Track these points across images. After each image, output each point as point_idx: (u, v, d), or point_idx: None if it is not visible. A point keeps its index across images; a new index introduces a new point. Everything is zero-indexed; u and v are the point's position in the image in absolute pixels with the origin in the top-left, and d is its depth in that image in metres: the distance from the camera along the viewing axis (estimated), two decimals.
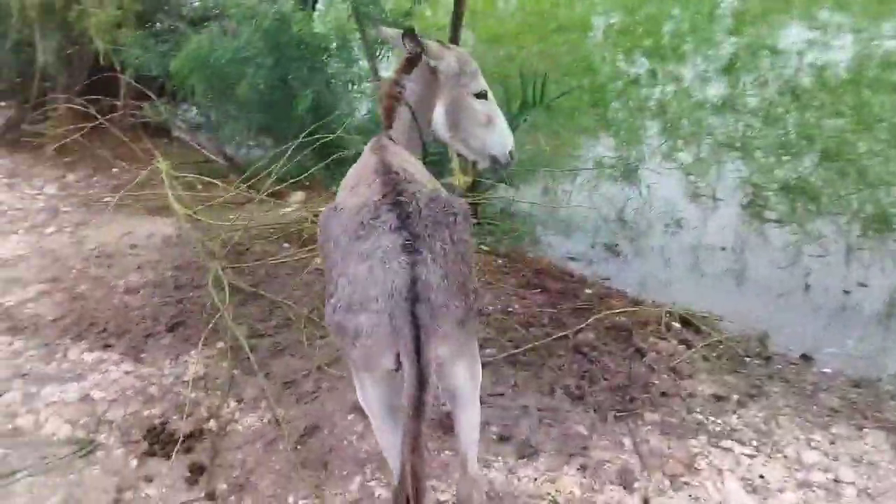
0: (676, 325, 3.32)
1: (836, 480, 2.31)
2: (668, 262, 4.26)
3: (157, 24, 6.04)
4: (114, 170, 5.49)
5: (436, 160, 3.39)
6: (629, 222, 4.76)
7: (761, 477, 2.32)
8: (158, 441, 2.55)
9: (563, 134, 6.39)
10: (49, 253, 4.19)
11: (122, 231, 4.49)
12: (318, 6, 5.93)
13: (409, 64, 2.20)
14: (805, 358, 3.21)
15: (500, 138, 2.27)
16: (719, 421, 2.62)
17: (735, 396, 2.75)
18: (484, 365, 2.84)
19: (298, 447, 2.50)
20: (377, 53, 4.66)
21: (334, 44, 4.89)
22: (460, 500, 1.76)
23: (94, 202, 4.98)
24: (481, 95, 2.23)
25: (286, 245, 4.17)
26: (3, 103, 6.30)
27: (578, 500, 2.24)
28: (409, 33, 2.17)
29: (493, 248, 4.15)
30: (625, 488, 2.29)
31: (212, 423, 2.63)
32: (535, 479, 2.33)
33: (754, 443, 2.49)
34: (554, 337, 3.11)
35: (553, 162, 5.54)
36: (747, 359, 3.08)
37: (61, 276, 3.90)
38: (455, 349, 1.55)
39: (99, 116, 4.96)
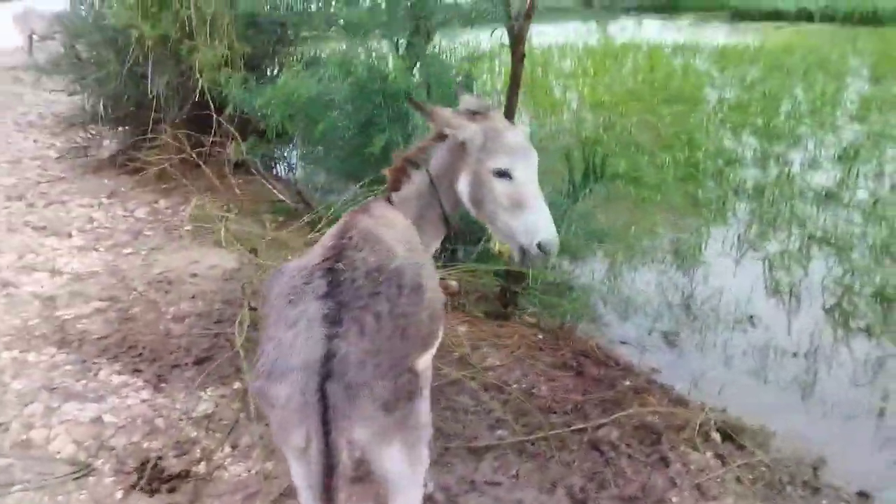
0: (716, 435, 2.98)
1: None
2: (729, 360, 3.90)
3: (263, 67, 6.48)
4: (196, 201, 5.82)
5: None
6: (695, 312, 4.42)
7: None
8: (147, 476, 2.55)
9: (646, 209, 6.13)
10: (118, 272, 4.45)
11: (189, 259, 4.70)
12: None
13: (441, 132, 2.10)
14: (862, 496, 2.78)
15: (525, 226, 1.97)
16: None
17: None
18: (489, 448, 2.71)
19: None
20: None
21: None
22: None
23: (174, 229, 5.28)
24: (503, 174, 1.99)
25: None
26: (119, 129, 6.89)
27: None
28: (411, 100, 2.12)
29: (537, 322, 3.97)
30: None
31: (202, 466, 2.61)
32: None
33: None
34: (571, 428, 2.87)
35: (624, 237, 5.30)
36: (789, 487, 2.69)
37: (121, 296, 4.12)
38: (379, 433, 1.43)
39: (187, 150, 5.30)
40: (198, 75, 5.44)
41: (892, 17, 20.32)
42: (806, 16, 23.48)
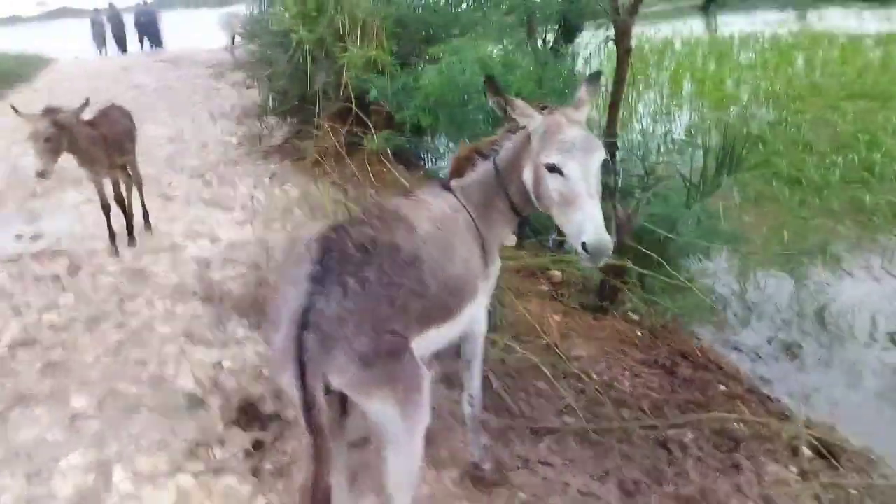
0: (806, 451, 2.73)
1: None
2: (855, 380, 3.51)
3: (411, 64, 6.87)
4: (347, 187, 6.34)
5: None
6: (828, 324, 4.01)
7: None
8: (246, 415, 2.94)
9: (802, 212, 5.64)
10: (265, 243, 5.04)
11: None
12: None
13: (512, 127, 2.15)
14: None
15: (573, 226, 1.90)
16: None
17: None
18: (551, 431, 2.75)
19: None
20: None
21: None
22: None
23: (319, 209, 5.82)
24: (554, 170, 1.94)
25: None
26: (287, 120, 7.70)
27: None
28: (490, 80, 2.08)
29: (639, 319, 3.86)
30: None
31: (290, 412, 2.94)
32: None
33: None
34: (641, 424, 2.81)
35: (762, 240, 4.93)
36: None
37: (262, 263, 4.67)
38: (358, 384, 1.58)
39: (333, 141, 5.81)
40: (346, 73, 5.92)
41: None
42: None
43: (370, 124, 5.86)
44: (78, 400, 3.11)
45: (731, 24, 22.59)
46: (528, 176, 2.06)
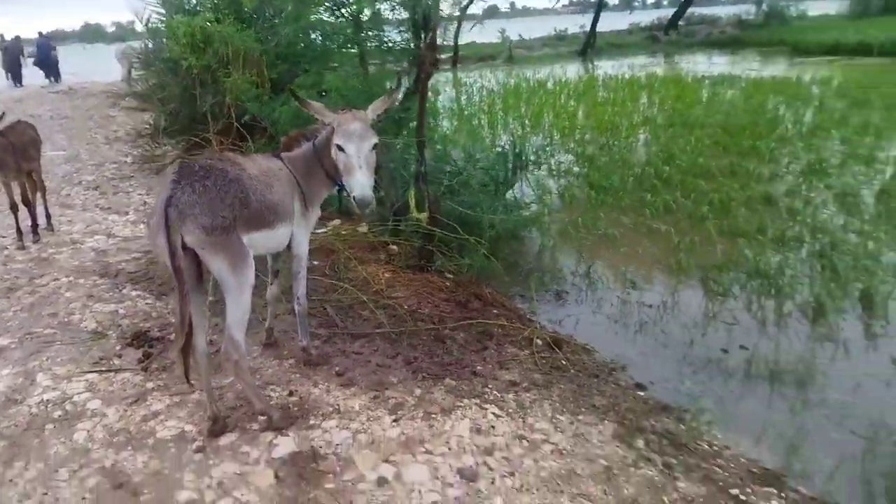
0: (539, 342, 4.03)
1: (545, 440, 2.97)
2: (598, 309, 4.89)
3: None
4: None
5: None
6: (593, 279, 5.42)
7: (492, 427, 3.05)
8: (138, 339, 3.91)
9: (604, 208, 7.15)
10: None
11: None
12: None
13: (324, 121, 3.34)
14: (639, 386, 3.75)
15: (351, 185, 3.05)
16: (497, 395, 3.35)
17: (525, 384, 3.46)
18: (366, 335, 3.90)
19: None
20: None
21: None
22: (222, 355, 2.86)
23: None
24: (341, 148, 3.07)
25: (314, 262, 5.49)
26: (178, 139, 8.62)
27: (353, 412, 3.15)
28: (293, 92, 3.39)
29: (453, 275, 5.11)
30: (390, 414, 3.15)
31: (173, 335, 3.94)
32: (339, 397, 3.29)
33: (509, 410, 3.21)
34: (427, 328, 4.03)
35: (566, 227, 6.38)
36: (574, 370, 3.73)
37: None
38: (203, 244, 2.67)
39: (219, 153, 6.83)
40: (229, 96, 7.00)
41: None
42: (865, 50, 23.37)
43: (249, 138, 6.93)
44: (2, 341, 3.97)
45: (604, 67, 25.37)
46: (333, 153, 3.26)
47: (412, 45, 5.11)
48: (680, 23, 37.50)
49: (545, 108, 14.31)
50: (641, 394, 3.65)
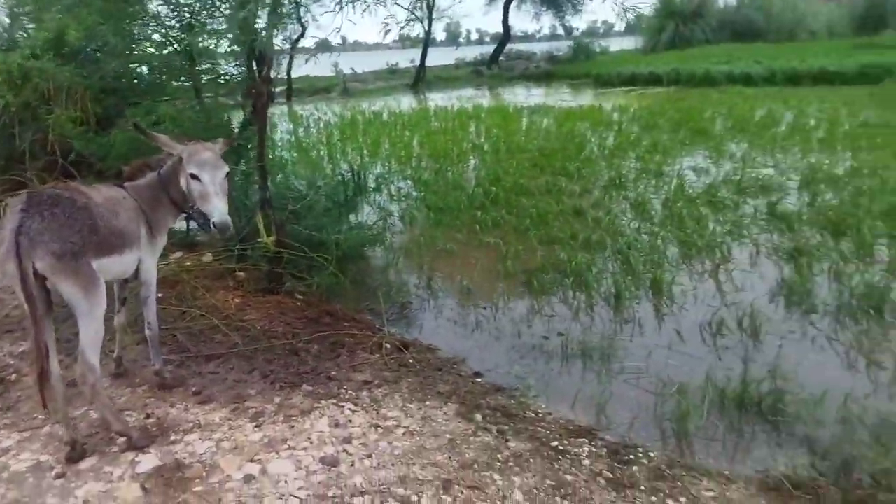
0: (388, 346, 4.42)
1: (397, 426, 3.35)
2: (439, 314, 5.40)
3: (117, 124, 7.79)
4: None
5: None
6: (434, 290, 5.94)
7: (349, 420, 3.38)
8: None
9: (436, 227, 7.73)
10: None
11: None
12: None
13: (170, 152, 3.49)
14: (477, 374, 4.27)
15: (208, 212, 3.22)
16: (352, 393, 3.69)
17: (377, 381, 3.84)
18: (220, 356, 4.04)
19: None
20: None
21: None
22: (78, 378, 2.92)
23: None
24: (195, 177, 3.25)
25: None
26: None
27: (214, 424, 3.32)
28: (136, 125, 3.53)
29: (303, 295, 5.36)
30: (252, 421, 3.36)
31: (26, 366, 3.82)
32: (198, 413, 3.43)
33: (363, 405, 3.55)
34: (281, 343, 4.27)
35: (406, 242, 6.86)
36: (420, 366, 4.16)
37: None
38: (53, 270, 2.76)
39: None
40: (52, 133, 6.71)
41: (723, 80, 23.75)
42: (656, 80, 26.89)
43: (77, 175, 6.67)
44: None
45: (436, 99, 26.74)
46: (184, 182, 3.42)
47: (247, 77, 5.33)
48: (500, 58, 40.48)
49: (382, 138, 14.92)
50: (479, 380, 4.16)
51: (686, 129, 13.63)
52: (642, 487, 2.93)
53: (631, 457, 3.22)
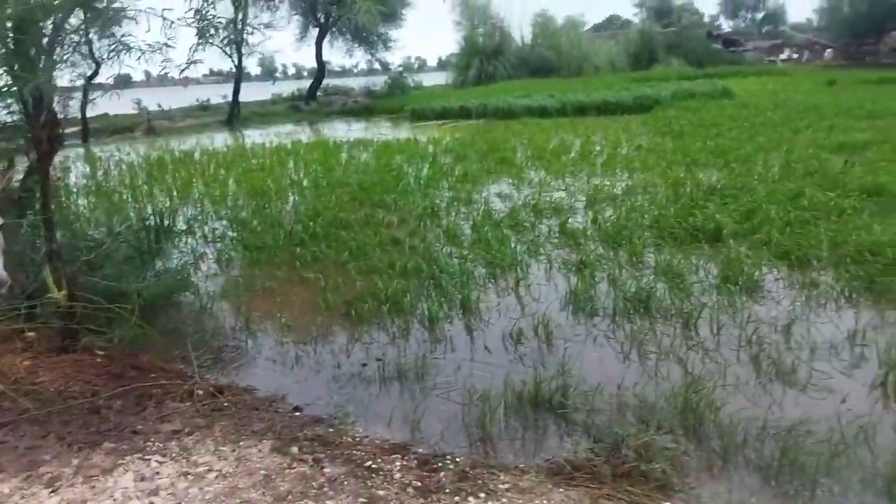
0: (200, 393, 4.33)
1: (209, 470, 3.32)
2: (274, 356, 5.37)
3: None
4: None
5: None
6: (253, 330, 5.88)
7: (157, 473, 3.29)
8: None
9: (258, 261, 7.62)
10: None
11: None
12: None
13: None
14: (296, 408, 4.33)
15: None
16: (160, 445, 3.59)
17: (188, 429, 3.77)
18: (6, 424, 3.70)
19: None
20: None
21: None
22: None
23: None
24: None
25: None
26: None
27: (3, 495, 3.06)
28: None
29: (97, 346, 5.05)
30: (47, 487, 3.15)
31: None
32: None
33: (172, 454, 3.48)
34: (80, 402, 4.01)
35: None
36: (235, 408, 4.14)
37: None
38: None
39: None
40: None
41: (523, 112, 25.92)
42: (466, 113, 28.61)
43: None
44: None
45: (253, 136, 26.18)
46: None
47: (26, 122, 4.96)
48: (318, 93, 40.67)
49: (194, 179, 14.34)
50: (298, 413, 4.23)
51: (492, 158, 14.70)
52: (447, 490, 3.20)
53: (439, 464, 3.49)
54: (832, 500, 3.22)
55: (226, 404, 4.24)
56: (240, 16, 30.96)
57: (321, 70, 41.18)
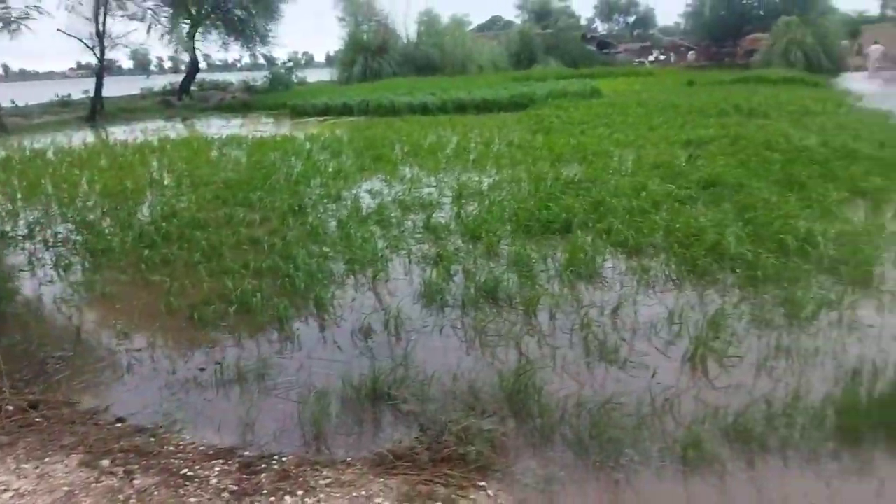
0: (11, 408, 4.00)
1: (5, 489, 3.07)
2: (87, 366, 5.03)
3: None
4: None
5: None
6: (82, 340, 5.50)
7: None
8: None
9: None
10: None
11: None
12: None
13: None
14: (119, 420, 4.09)
15: None
16: None
17: None
18: None
19: None
20: None
21: None
22: None
23: None
24: None
25: None
26: None
27: None
28: None
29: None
30: None
31: None
32: None
33: None
34: None
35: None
36: (45, 424, 3.85)
37: None
38: None
39: None
40: None
41: (405, 109, 25.99)
42: (348, 110, 28.29)
43: None
44: None
45: (117, 133, 24.58)
46: None
47: None
48: (193, 88, 38.76)
49: (44, 179, 13.26)
50: (119, 425, 3.99)
51: (368, 155, 14.63)
52: (265, 491, 3.14)
53: (263, 465, 3.42)
54: (635, 467, 3.46)
55: (38, 419, 3.94)
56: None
57: (194, 64, 39.25)
